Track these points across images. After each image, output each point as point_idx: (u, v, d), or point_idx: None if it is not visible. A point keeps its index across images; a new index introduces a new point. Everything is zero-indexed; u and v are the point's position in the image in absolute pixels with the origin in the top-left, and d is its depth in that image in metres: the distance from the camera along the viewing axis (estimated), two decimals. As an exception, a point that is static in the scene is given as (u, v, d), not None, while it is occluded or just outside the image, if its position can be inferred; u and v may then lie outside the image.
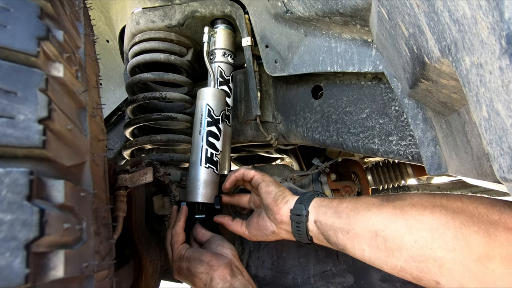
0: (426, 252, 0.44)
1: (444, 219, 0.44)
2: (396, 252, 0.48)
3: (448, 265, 0.42)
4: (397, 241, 0.48)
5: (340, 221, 0.56)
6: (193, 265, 0.66)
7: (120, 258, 0.77)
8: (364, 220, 0.53)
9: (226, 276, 0.64)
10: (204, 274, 0.65)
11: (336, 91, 0.86)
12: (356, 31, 0.70)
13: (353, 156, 1.39)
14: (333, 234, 0.58)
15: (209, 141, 0.81)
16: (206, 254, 0.67)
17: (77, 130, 0.36)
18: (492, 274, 0.39)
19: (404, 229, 0.47)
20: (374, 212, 0.53)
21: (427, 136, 0.64)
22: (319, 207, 0.62)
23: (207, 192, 0.80)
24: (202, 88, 0.85)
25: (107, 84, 1.33)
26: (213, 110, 0.82)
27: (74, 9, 0.45)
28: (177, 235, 0.74)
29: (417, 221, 0.46)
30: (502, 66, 0.24)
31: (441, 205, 0.46)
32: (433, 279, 0.44)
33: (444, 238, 0.43)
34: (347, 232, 0.55)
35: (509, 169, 0.26)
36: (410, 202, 0.50)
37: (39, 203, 0.27)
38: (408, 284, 0.88)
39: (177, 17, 0.91)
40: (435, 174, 0.63)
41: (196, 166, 0.81)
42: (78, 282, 0.31)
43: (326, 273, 0.92)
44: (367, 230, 0.52)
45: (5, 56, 0.30)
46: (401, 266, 0.47)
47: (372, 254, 0.51)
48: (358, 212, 0.55)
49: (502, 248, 0.39)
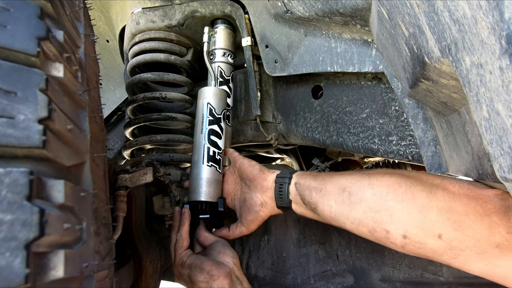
0: (381, 203, 0.54)
1: (399, 180, 0.55)
2: (357, 205, 0.57)
3: (397, 214, 0.52)
4: (360, 195, 0.57)
5: (316, 182, 0.65)
6: (193, 272, 0.67)
7: (120, 258, 0.76)
8: (335, 180, 0.63)
9: (225, 287, 0.65)
10: (204, 283, 0.66)
11: (336, 91, 0.86)
12: (356, 31, 0.70)
13: (353, 156, 1.39)
14: (308, 193, 0.65)
15: (211, 139, 0.81)
16: (207, 263, 0.68)
17: (77, 130, 0.35)
18: (430, 221, 0.49)
19: (366, 185, 0.57)
20: (345, 175, 0.63)
21: (428, 136, 0.64)
22: (301, 174, 0.71)
23: (210, 190, 0.79)
24: (203, 87, 0.85)
25: (107, 84, 1.33)
26: (215, 109, 0.82)
27: (74, 9, 0.45)
28: (181, 240, 0.73)
29: (378, 180, 0.57)
30: (502, 66, 0.24)
31: (399, 173, 0.57)
32: (384, 228, 0.53)
33: (396, 193, 0.53)
34: (319, 190, 0.63)
35: (509, 169, 0.26)
36: (377, 171, 0.60)
37: (39, 203, 0.27)
38: (407, 284, 0.88)
39: (177, 17, 0.91)
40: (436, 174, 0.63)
41: (198, 165, 0.80)
42: (78, 282, 0.31)
43: (326, 273, 0.92)
44: (337, 187, 0.61)
45: (5, 56, 0.30)
46: (360, 219, 0.57)
47: (338, 209, 0.60)
48: (332, 175, 0.65)
49: (438, 201, 0.49)
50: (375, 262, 0.91)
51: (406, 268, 0.89)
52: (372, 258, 0.92)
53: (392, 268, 0.89)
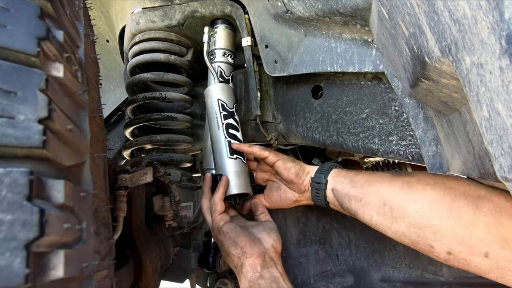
0: (424, 221, 0.52)
1: (442, 193, 0.52)
2: (400, 219, 0.55)
3: (441, 231, 0.50)
4: (402, 210, 0.55)
5: (355, 190, 0.64)
6: (227, 243, 0.69)
7: (120, 258, 0.76)
8: (375, 190, 0.60)
9: (256, 266, 0.64)
10: (236, 257, 0.67)
11: (336, 91, 0.86)
12: (356, 31, 0.70)
13: (353, 156, 1.39)
14: (347, 201, 0.65)
15: (230, 133, 0.81)
16: (243, 238, 0.68)
17: (77, 130, 0.35)
18: (476, 238, 0.47)
19: (408, 200, 0.55)
20: (384, 184, 0.60)
21: (428, 136, 0.64)
22: (337, 176, 0.69)
23: (241, 182, 0.79)
24: (209, 86, 0.85)
25: (107, 84, 1.33)
26: (226, 104, 0.83)
27: (74, 9, 0.45)
28: (215, 205, 0.75)
29: (420, 194, 0.54)
30: (502, 66, 0.24)
31: (441, 182, 0.54)
32: (428, 243, 0.52)
33: (440, 209, 0.51)
34: (359, 200, 0.62)
35: (509, 169, 0.26)
36: (416, 178, 0.58)
37: (39, 203, 0.27)
38: (408, 284, 0.88)
39: (177, 17, 0.91)
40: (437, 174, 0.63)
41: (222, 160, 0.80)
42: (78, 282, 0.31)
43: (326, 273, 0.92)
44: (377, 199, 0.59)
45: (5, 56, 0.30)
46: (402, 231, 0.55)
47: (379, 220, 0.59)
48: (371, 183, 0.62)
49: (485, 217, 0.47)
50: (375, 262, 0.91)
51: (406, 268, 0.89)
52: (372, 258, 0.92)
53: (392, 268, 0.89)
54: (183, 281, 0.90)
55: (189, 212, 0.91)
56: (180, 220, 0.86)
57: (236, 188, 0.78)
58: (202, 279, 1.05)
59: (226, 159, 0.80)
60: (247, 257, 0.65)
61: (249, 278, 0.64)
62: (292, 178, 0.75)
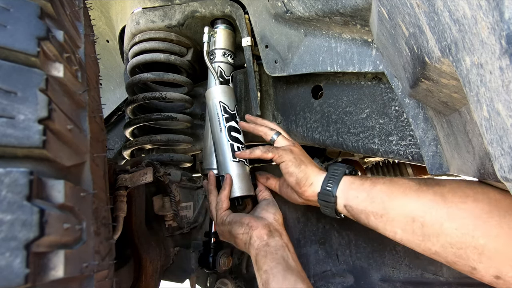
0: (467, 240, 0.44)
1: (487, 208, 0.43)
2: (433, 238, 0.47)
3: (488, 253, 0.42)
4: (436, 228, 0.47)
5: (374, 205, 0.55)
6: (234, 227, 0.71)
7: (120, 258, 0.76)
8: (400, 205, 0.52)
9: (263, 236, 0.67)
10: (244, 234, 0.69)
11: (336, 91, 0.86)
12: (356, 31, 0.70)
13: (353, 156, 1.39)
14: (364, 217, 0.57)
15: (232, 136, 0.82)
16: (246, 217, 0.72)
17: (77, 130, 0.35)
18: None
19: (445, 216, 0.46)
20: (411, 197, 0.52)
21: (428, 136, 0.64)
22: (348, 190, 0.61)
23: (244, 185, 0.81)
24: (210, 88, 0.85)
25: (107, 84, 1.33)
26: (228, 106, 0.83)
27: (74, 9, 0.45)
28: (221, 202, 0.77)
29: (459, 209, 0.46)
30: (502, 66, 0.24)
31: (483, 193, 0.46)
32: (470, 265, 0.44)
33: (487, 227, 0.42)
34: (380, 216, 0.54)
35: (509, 169, 0.26)
36: (451, 189, 0.49)
37: (39, 203, 0.27)
38: (408, 284, 0.88)
39: (177, 17, 0.91)
40: (437, 174, 0.63)
41: (225, 163, 0.81)
42: (78, 282, 0.31)
43: (326, 273, 0.92)
44: (403, 215, 0.51)
45: (5, 56, 0.30)
46: (436, 250, 0.47)
47: (405, 237, 0.51)
48: (394, 197, 0.54)
49: None
50: (375, 262, 0.91)
51: (406, 268, 0.89)
52: (372, 258, 0.92)
53: (392, 268, 0.89)
54: (183, 281, 0.90)
55: (189, 212, 0.91)
56: (180, 220, 0.86)
57: (239, 191, 0.80)
58: (202, 279, 1.05)
59: (229, 163, 0.81)
60: (253, 229, 0.68)
61: (256, 246, 0.65)
62: (292, 185, 0.69)
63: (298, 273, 0.60)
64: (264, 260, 0.62)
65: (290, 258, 0.63)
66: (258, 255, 0.64)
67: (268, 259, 0.62)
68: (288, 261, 0.62)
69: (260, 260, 0.63)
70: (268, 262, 0.62)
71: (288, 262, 0.62)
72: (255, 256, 0.65)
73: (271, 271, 0.60)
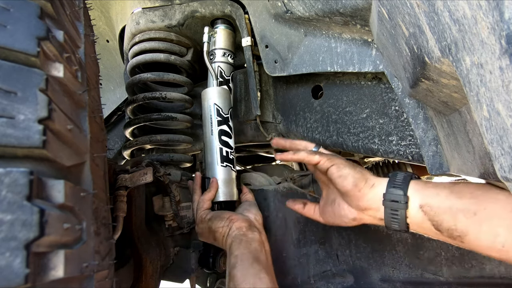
0: None
1: None
2: None
3: None
4: None
5: (464, 201, 0.46)
6: (214, 223, 0.72)
7: (120, 258, 0.76)
8: (502, 198, 0.43)
9: (242, 227, 0.68)
10: (224, 227, 0.70)
11: (336, 91, 0.86)
12: (356, 31, 0.70)
13: (353, 156, 1.39)
14: (449, 218, 0.48)
15: (222, 139, 0.82)
16: (227, 213, 0.73)
17: (77, 130, 0.35)
18: None
19: None
20: (507, 195, 0.42)
21: (428, 136, 0.64)
22: (423, 189, 0.52)
23: (228, 190, 0.82)
24: (207, 89, 0.85)
25: (107, 84, 1.33)
26: (222, 109, 0.83)
27: (74, 9, 0.45)
28: (203, 202, 0.79)
29: None
30: (502, 66, 0.24)
31: None
32: None
33: None
34: (473, 213, 0.45)
35: (510, 169, 0.26)
36: None
37: (39, 203, 0.27)
38: (408, 284, 0.88)
39: (177, 17, 0.91)
40: (437, 174, 0.63)
41: (213, 166, 0.82)
42: (78, 282, 0.31)
43: (326, 273, 0.92)
44: (509, 209, 0.42)
45: (5, 56, 0.30)
46: None
47: (511, 239, 0.41)
48: (487, 190, 0.45)
49: None
50: (375, 262, 0.91)
51: (406, 268, 0.89)
52: (372, 258, 0.92)
53: (392, 268, 0.89)
54: (183, 281, 0.90)
55: (189, 212, 0.91)
56: (180, 220, 0.86)
57: (222, 196, 0.81)
58: (202, 279, 1.05)
59: (216, 167, 0.82)
60: (234, 221, 0.69)
61: (233, 235, 0.67)
62: (348, 188, 0.58)
63: (266, 266, 0.62)
64: (238, 247, 0.64)
65: (263, 252, 0.65)
66: (233, 242, 0.66)
67: (242, 246, 0.64)
68: (259, 254, 0.64)
69: (233, 246, 0.65)
70: (241, 249, 0.63)
71: (259, 254, 0.64)
72: (230, 244, 0.66)
73: (241, 257, 0.62)
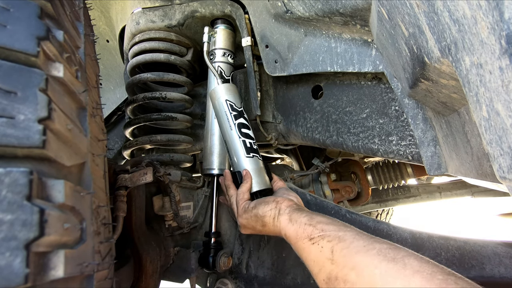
0: None
1: None
2: None
3: None
4: None
5: None
6: (259, 208, 0.71)
7: (120, 258, 0.77)
8: None
9: (292, 205, 0.68)
10: (273, 210, 0.69)
11: (336, 91, 0.86)
12: (356, 31, 0.70)
13: (353, 156, 1.39)
14: None
15: (243, 132, 0.82)
16: (271, 197, 0.72)
17: (77, 130, 0.35)
18: None
19: None
20: None
21: (427, 136, 0.64)
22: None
23: (260, 179, 0.81)
24: (214, 88, 0.84)
25: (107, 84, 1.33)
26: (234, 104, 0.83)
27: (74, 9, 0.45)
28: (242, 194, 0.78)
29: None
30: (502, 66, 0.24)
31: None
32: None
33: None
34: None
35: (509, 169, 0.26)
36: None
37: (39, 203, 0.27)
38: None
39: (177, 17, 0.91)
40: (435, 174, 0.63)
41: (240, 159, 0.81)
42: (78, 282, 0.31)
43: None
44: None
45: (5, 56, 0.30)
46: None
47: None
48: None
49: None
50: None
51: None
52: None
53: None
54: (183, 281, 0.90)
55: (189, 212, 0.91)
56: (180, 220, 0.86)
57: (257, 185, 0.80)
58: (202, 279, 1.05)
59: (243, 159, 0.81)
60: (282, 202, 0.69)
61: (288, 211, 0.66)
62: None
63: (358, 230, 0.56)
64: (300, 214, 0.62)
65: None
66: (292, 214, 0.63)
67: (315, 214, 0.61)
68: None
69: (294, 216, 0.63)
70: (318, 217, 0.59)
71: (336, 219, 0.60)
72: (288, 219, 0.64)
73: (333, 224, 0.57)
